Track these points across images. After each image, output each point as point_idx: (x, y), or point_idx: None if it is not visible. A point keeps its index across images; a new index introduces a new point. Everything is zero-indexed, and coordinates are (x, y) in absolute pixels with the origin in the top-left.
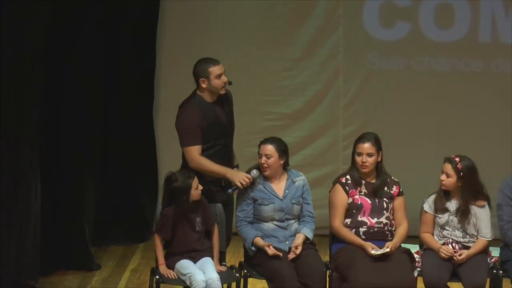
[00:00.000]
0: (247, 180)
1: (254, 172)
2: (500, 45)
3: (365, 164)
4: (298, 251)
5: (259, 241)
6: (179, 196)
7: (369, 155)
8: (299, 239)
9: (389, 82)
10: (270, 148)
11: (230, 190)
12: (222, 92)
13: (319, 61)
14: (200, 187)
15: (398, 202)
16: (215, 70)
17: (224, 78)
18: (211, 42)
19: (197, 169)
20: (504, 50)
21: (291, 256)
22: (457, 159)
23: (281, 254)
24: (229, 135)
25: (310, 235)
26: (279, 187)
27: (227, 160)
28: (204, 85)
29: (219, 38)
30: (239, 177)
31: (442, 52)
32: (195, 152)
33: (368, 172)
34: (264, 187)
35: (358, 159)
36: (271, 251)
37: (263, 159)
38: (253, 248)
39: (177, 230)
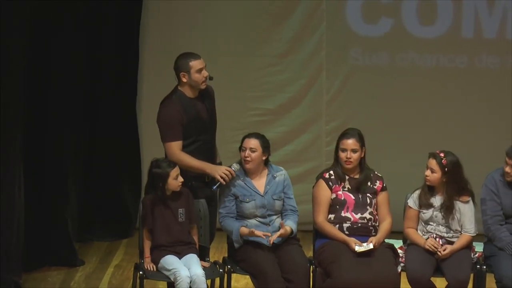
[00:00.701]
0: (228, 174)
1: (235, 165)
2: (484, 41)
3: (350, 160)
4: (274, 236)
5: (244, 230)
6: (157, 182)
7: (354, 151)
8: (283, 229)
9: (372, 78)
10: (255, 142)
11: (214, 187)
12: (203, 86)
13: (302, 57)
14: (181, 179)
15: (382, 197)
16: (195, 64)
17: (204, 73)
18: (195, 38)
19: (177, 165)
20: (487, 46)
21: (270, 239)
22: (442, 155)
23: (269, 234)
24: (211, 131)
25: (294, 227)
26: (260, 183)
27: (209, 156)
28: (184, 79)
29: (202, 35)
30: (219, 171)
31: (425, 47)
32: (175, 147)
33: (352, 168)
34: (245, 183)
35: (343, 155)
36: (258, 232)
37: (247, 152)
38: (240, 241)
39: (159, 219)
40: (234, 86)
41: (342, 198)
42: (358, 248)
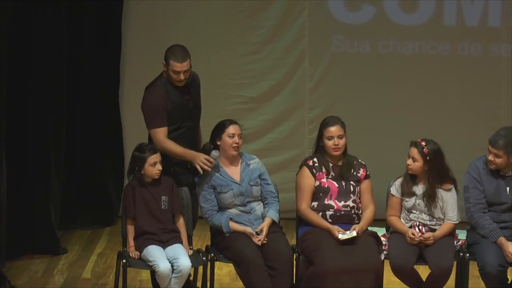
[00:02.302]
0: (207, 162)
1: (214, 153)
2: (466, 28)
3: (338, 146)
4: (261, 237)
5: (236, 226)
6: (134, 166)
7: (340, 137)
8: (265, 223)
9: (355, 65)
10: (238, 128)
11: (197, 178)
12: (178, 85)
13: (284, 44)
14: (159, 167)
15: (365, 185)
16: (174, 65)
17: (181, 76)
18: (177, 26)
19: (162, 151)
20: (470, 33)
21: (257, 242)
22: (423, 143)
23: (255, 234)
24: (195, 118)
25: (276, 217)
26: (235, 172)
27: (193, 142)
28: (165, 69)
29: (184, 22)
30: (198, 160)
31: (407, 35)
32: (160, 134)
33: (336, 155)
34: (220, 174)
35: (329, 143)
36: (253, 237)
37: (235, 138)
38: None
39: (142, 206)
40: (216, 74)
41: (326, 186)
42: (341, 236)
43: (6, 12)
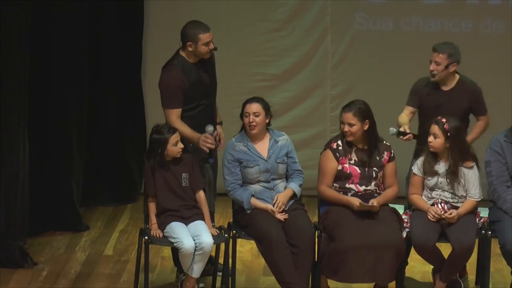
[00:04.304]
0: (206, 140)
1: (209, 128)
2: (489, 6)
3: (347, 133)
4: (279, 209)
5: (257, 203)
6: (156, 148)
7: (350, 125)
8: (283, 193)
9: (377, 43)
10: (257, 106)
11: (211, 160)
12: (207, 57)
13: (307, 22)
14: (181, 145)
15: (389, 168)
16: (204, 37)
17: (211, 45)
18: (199, 4)
19: (178, 131)
20: (493, 11)
21: (278, 217)
22: (444, 120)
23: (276, 211)
24: (212, 95)
25: (297, 190)
26: (262, 147)
27: (211, 118)
28: (190, 49)
29: (207, 1)
30: (202, 142)
31: (430, 13)
32: (173, 115)
33: (357, 139)
34: (248, 148)
35: (342, 127)
36: (272, 212)
37: (251, 117)
38: (252, 207)
39: (163, 184)
40: (238, 52)
41: (348, 172)
42: (360, 202)
43: None
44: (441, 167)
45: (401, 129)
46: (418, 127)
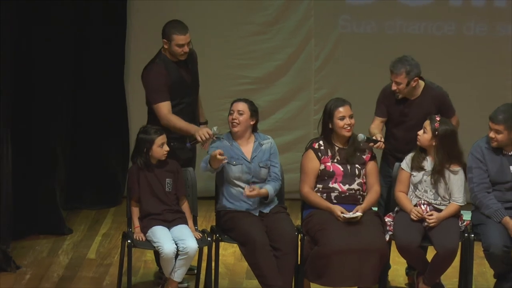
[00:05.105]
0: (206, 135)
1: (215, 128)
2: (472, 8)
3: (350, 126)
4: (251, 188)
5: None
6: (142, 148)
7: (351, 116)
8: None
9: (361, 46)
10: (242, 106)
11: (189, 144)
12: (181, 58)
13: (291, 25)
14: (166, 148)
15: (370, 167)
16: (178, 38)
17: (185, 48)
18: (183, 6)
19: (166, 126)
20: (476, 13)
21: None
22: (438, 119)
23: (226, 158)
24: (194, 93)
25: (271, 192)
26: (247, 149)
27: (193, 117)
28: (166, 46)
29: (190, 3)
30: (200, 132)
31: (413, 15)
32: (164, 108)
33: (341, 138)
34: (233, 147)
35: (341, 123)
36: (220, 156)
37: (235, 115)
38: (210, 168)
39: (146, 187)
40: (222, 55)
41: (331, 170)
42: (343, 216)
43: None
44: (428, 164)
45: (373, 137)
46: (385, 133)
